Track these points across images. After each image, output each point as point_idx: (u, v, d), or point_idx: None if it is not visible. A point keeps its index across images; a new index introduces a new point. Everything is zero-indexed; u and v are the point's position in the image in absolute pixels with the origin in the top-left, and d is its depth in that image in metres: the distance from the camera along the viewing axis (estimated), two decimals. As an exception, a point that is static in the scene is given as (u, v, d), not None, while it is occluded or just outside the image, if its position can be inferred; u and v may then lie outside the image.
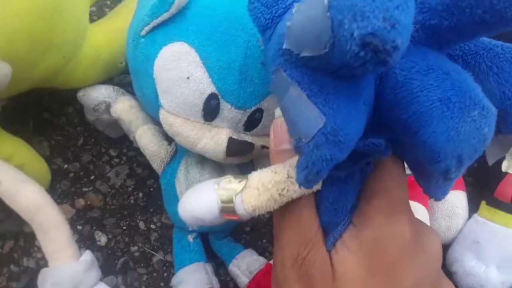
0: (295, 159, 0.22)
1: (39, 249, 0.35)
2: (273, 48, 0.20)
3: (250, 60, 0.29)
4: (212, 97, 0.30)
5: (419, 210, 0.39)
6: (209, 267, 0.35)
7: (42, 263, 0.34)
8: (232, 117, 0.31)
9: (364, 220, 0.22)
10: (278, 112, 0.26)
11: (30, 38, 0.28)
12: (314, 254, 0.22)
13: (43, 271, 0.30)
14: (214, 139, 0.32)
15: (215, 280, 0.35)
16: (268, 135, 0.32)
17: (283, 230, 0.23)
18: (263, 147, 0.34)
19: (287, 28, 0.17)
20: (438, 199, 0.22)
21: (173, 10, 0.28)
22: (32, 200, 0.29)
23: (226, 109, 0.30)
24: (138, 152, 0.43)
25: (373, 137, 0.19)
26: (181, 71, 0.29)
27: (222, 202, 0.22)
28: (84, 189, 0.38)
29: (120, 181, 0.40)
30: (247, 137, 0.32)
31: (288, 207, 0.22)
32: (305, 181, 0.19)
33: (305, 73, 0.18)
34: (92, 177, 0.40)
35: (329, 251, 0.22)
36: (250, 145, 0.32)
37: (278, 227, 0.24)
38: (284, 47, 0.18)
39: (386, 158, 0.22)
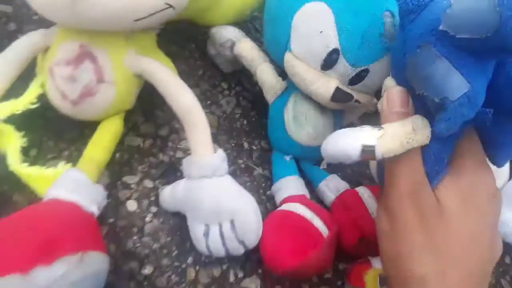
0: (416, 116, 0.29)
1: (172, 148, 0.45)
2: (421, 28, 0.26)
3: (372, 29, 0.37)
4: (334, 52, 0.38)
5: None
6: (302, 181, 0.44)
7: (174, 159, 0.44)
8: (343, 71, 0.39)
9: (460, 170, 0.30)
10: (389, 82, 0.32)
11: None
12: (425, 190, 0.29)
13: (188, 158, 0.39)
14: (324, 85, 0.40)
15: (307, 192, 0.44)
16: (365, 92, 0.40)
17: (398, 171, 0.30)
18: (357, 101, 0.42)
19: (446, 14, 0.24)
20: (501, 166, 0.30)
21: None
22: (190, 102, 0.38)
23: (342, 63, 0.38)
24: (243, 87, 0.52)
25: (484, 107, 0.26)
26: (317, 25, 0.37)
27: (364, 145, 0.28)
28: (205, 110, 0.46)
29: (230, 109, 0.49)
30: (349, 90, 0.40)
31: (405, 154, 0.29)
32: (445, 130, 0.26)
33: (452, 51, 0.25)
34: (209, 102, 0.49)
35: (433, 190, 0.29)
36: (350, 96, 0.40)
37: (393, 169, 0.30)
38: (440, 28, 0.24)
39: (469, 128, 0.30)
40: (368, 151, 0.28)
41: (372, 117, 0.46)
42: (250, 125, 0.49)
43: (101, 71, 0.37)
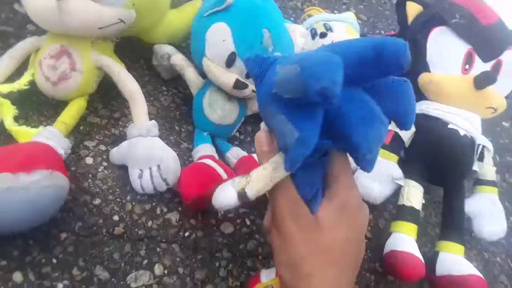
0: (275, 157, 0.35)
1: (121, 126, 0.62)
2: (265, 90, 0.34)
3: (256, 39, 0.57)
4: (232, 54, 0.57)
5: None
6: (213, 148, 0.62)
7: (122, 133, 0.61)
8: (240, 68, 0.58)
9: (333, 193, 0.36)
10: (262, 125, 0.40)
11: (150, 4, 0.57)
12: (301, 209, 0.35)
13: (131, 125, 0.56)
14: (228, 77, 0.58)
15: (216, 155, 0.61)
16: None
17: (276, 198, 0.36)
18: (253, 91, 0.61)
19: (274, 81, 0.31)
20: (368, 171, 0.34)
21: (223, 6, 0.57)
22: (134, 87, 0.56)
23: (238, 62, 0.58)
24: (178, 90, 0.71)
25: (324, 139, 0.32)
26: (220, 37, 0.57)
27: (238, 193, 0.36)
28: (148, 104, 0.64)
29: (166, 104, 0.68)
30: (246, 81, 0.60)
31: (278, 186, 0.35)
32: (290, 167, 0.32)
33: (285, 107, 0.31)
34: (151, 98, 0.67)
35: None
36: (246, 85, 0.59)
37: (273, 196, 0.36)
38: (273, 91, 0.31)
39: (337, 150, 0.36)
40: (242, 197, 0.36)
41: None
42: (181, 115, 0.67)
43: (74, 63, 0.55)
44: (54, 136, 0.52)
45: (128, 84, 0.56)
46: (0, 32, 0.64)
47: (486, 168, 0.68)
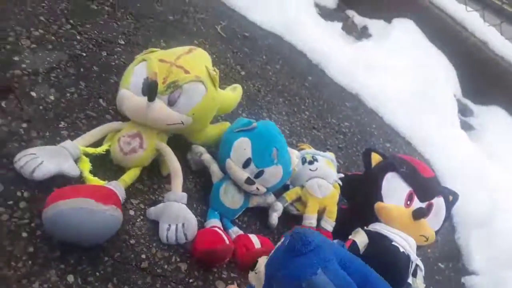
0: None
1: (157, 194, 0.84)
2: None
3: (267, 153, 0.85)
4: (249, 159, 0.84)
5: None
6: (220, 223, 0.84)
7: (157, 199, 0.83)
8: (252, 169, 0.84)
9: None
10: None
11: (203, 117, 0.85)
12: None
13: (170, 192, 0.79)
14: (242, 175, 0.83)
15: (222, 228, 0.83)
16: (262, 184, 0.86)
17: None
18: (257, 188, 0.86)
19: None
20: None
21: (249, 127, 0.85)
22: (177, 166, 0.81)
23: (252, 165, 0.84)
24: (200, 179, 0.95)
25: None
26: (243, 146, 0.84)
27: None
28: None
29: (191, 187, 0.91)
30: (254, 180, 0.85)
31: None
32: None
33: None
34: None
35: None
36: (253, 182, 0.85)
37: None
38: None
39: None
40: None
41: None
42: (199, 197, 0.90)
43: (142, 143, 0.80)
44: (119, 187, 0.74)
45: (174, 162, 0.81)
46: (87, 115, 0.91)
47: (418, 283, 0.89)
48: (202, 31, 1.44)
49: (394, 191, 0.95)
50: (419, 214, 0.90)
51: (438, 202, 0.95)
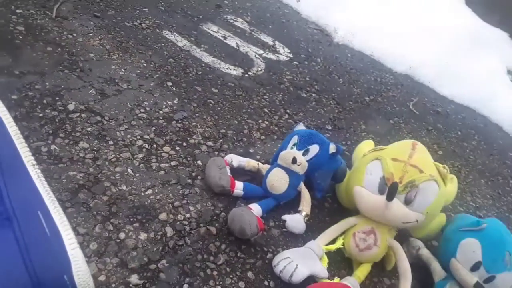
0: None
1: None
2: None
3: (503, 260, 0.82)
4: (478, 263, 0.82)
5: None
6: None
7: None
8: (481, 274, 0.82)
9: None
10: None
11: (435, 215, 0.88)
12: None
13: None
14: (471, 279, 0.82)
15: None
16: None
17: None
18: None
19: None
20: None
21: (478, 228, 0.84)
22: (407, 266, 0.84)
23: (481, 269, 0.82)
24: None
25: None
26: (471, 248, 0.83)
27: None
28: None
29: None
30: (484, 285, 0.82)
31: None
32: None
33: None
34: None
35: None
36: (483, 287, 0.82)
37: None
38: None
39: None
40: None
41: None
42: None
43: (377, 240, 0.86)
44: (355, 283, 0.80)
45: (404, 262, 0.84)
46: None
47: None
48: (395, 110, 1.49)
49: None
50: None
51: None
